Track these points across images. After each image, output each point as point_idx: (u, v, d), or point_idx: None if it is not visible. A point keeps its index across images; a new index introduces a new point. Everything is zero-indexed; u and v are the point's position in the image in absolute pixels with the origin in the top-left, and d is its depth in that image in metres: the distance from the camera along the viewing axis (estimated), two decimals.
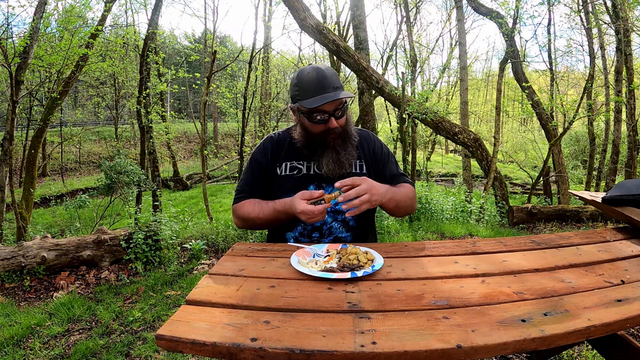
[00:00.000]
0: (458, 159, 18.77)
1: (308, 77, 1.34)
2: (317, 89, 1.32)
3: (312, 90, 1.32)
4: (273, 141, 1.51)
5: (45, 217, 8.55)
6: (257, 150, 1.51)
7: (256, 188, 1.47)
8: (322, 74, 1.33)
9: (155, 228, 3.70)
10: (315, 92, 1.31)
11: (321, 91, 1.31)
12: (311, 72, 1.35)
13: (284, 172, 1.45)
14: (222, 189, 12.74)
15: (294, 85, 1.38)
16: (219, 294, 0.95)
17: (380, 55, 14.25)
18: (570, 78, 13.93)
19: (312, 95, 1.32)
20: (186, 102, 21.28)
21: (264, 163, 1.47)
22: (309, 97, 1.32)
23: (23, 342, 2.36)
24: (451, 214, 5.92)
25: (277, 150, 1.49)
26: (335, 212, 1.42)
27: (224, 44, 25.61)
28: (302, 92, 1.35)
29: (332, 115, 1.34)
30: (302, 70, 1.38)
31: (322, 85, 1.32)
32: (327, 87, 1.32)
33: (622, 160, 8.72)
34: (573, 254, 1.23)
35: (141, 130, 6.81)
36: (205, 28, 17.91)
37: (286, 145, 1.49)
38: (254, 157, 1.51)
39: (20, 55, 5.01)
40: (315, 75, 1.33)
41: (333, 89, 1.33)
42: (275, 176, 1.46)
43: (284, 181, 1.44)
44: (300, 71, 1.39)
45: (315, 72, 1.34)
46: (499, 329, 0.79)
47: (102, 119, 20.00)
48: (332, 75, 1.36)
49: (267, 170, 1.47)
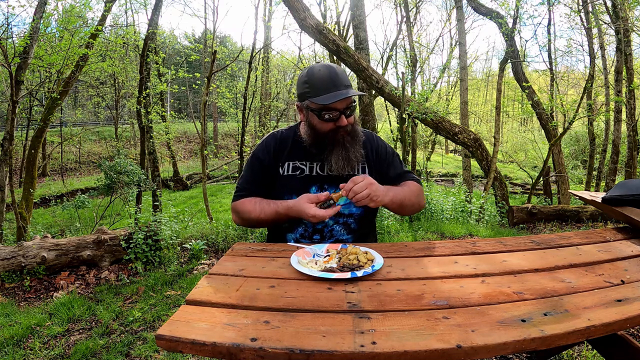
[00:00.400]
0: (458, 159, 18.78)
1: (319, 75, 1.31)
2: (328, 87, 1.29)
3: (324, 87, 1.30)
4: (276, 139, 1.48)
5: (45, 217, 8.55)
6: (259, 148, 1.48)
7: (257, 186, 1.45)
8: (333, 71, 1.31)
9: (155, 228, 3.70)
10: (327, 90, 1.29)
11: (333, 89, 1.29)
12: (322, 69, 1.32)
13: (286, 172, 1.43)
14: (222, 189, 12.74)
15: (303, 82, 1.35)
16: (219, 294, 0.95)
17: (380, 55, 14.25)
18: (570, 78, 13.92)
19: (323, 93, 1.29)
20: (186, 102, 21.29)
21: (265, 161, 1.44)
22: (320, 95, 1.30)
23: (23, 342, 2.36)
24: (451, 214, 5.92)
25: (280, 149, 1.46)
26: (336, 214, 1.41)
27: (224, 44, 25.61)
28: (312, 90, 1.32)
29: (342, 113, 1.32)
30: (313, 68, 1.35)
31: (334, 83, 1.30)
32: (338, 85, 1.30)
33: (622, 160, 8.72)
34: (573, 254, 1.23)
35: (141, 130, 6.81)
36: (205, 28, 17.92)
37: (289, 144, 1.46)
38: (255, 155, 1.48)
39: (20, 55, 5.01)
40: (327, 73, 1.31)
41: (344, 87, 1.31)
42: (277, 175, 1.44)
43: (286, 181, 1.42)
44: (310, 68, 1.35)
45: (327, 70, 1.32)
46: (499, 329, 0.79)
47: (102, 119, 20.00)
48: (343, 73, 1.34)
49: (269, 169, 1.44)
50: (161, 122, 12.28)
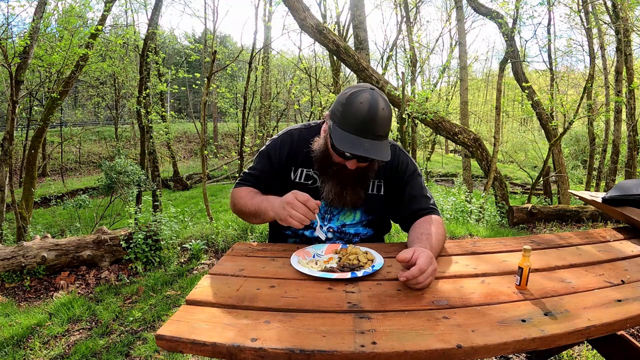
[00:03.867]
0: (458, 159, 18.77)
1: (357, 108, 1.12)
2: (356, 127, 1.11)
3: (352, 124, 1.12)
4: (293, 140, 1.35)
5: (45, 217, 8.54)
6: (273, 146, 1.36)
7: (260, 183, 1.37)
8: (372, 114, 1.11)
9: (155, 228, 3.70)
10: (354, 129, 1.12)
11: (359, 133, 1.11)
12: (364, 104, 1.12)
13: (297, 179, 1.33)
14: (222, 189, 12.74)
15: (341, 103, 1.15)
16: (219, 294, 0.95)
17: (380, 55, 14.26)
18: (570, 78, 13.93)
19: (348, 130, 1.12)
20: (186, 102, 21.27)
21: (276, 162, 1.34)
22: (344, 129, 1.13)
23: (23, 342, 2.36)
24: (451, 214, 5.91)
25: (296, 151, 1.33)
26: (341, 232, 1.35)
27: (224, 44, 25.61)
28: (342, 118, 1.14)
29: (356, 157, 1.17)
30: (358, 95, 1.14)
31: (365, 127, 1.11)
32: (368, 132, 1.11)
33: (622, 160, 8.72)
34: (573, 254, 1.23)
35: (141, 130, 6.81)
36: (205, 28, 17.90)
37: (306, 148, 1.31)
38: (267, 152, 1.37)
39: (20, 55, 5.01)
40: (365, 112, 1.11)
41: (373, 137, 1.12)
42: (286, 179, 1.34)
43: (295, 188, 1.27)
44: (355, 93, 1.14)
45: (367, 109, 1.11)
46: (499, 329, 0.79)
47: (102, 119, 19.99)
48: (383, 120, 1.13)
49: (279, 170, 1.34)
50: (161, 122, 12.28)
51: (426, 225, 1.22)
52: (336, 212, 1.34)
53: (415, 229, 1.24)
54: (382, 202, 1.36)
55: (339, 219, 1.34)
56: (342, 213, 1.34)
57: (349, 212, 1.34)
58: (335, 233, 1.35)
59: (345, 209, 1.33)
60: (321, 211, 1.34)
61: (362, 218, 1.36)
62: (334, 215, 1.34)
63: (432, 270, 0.97)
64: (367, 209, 1.35)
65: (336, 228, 1.34)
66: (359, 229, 1.36)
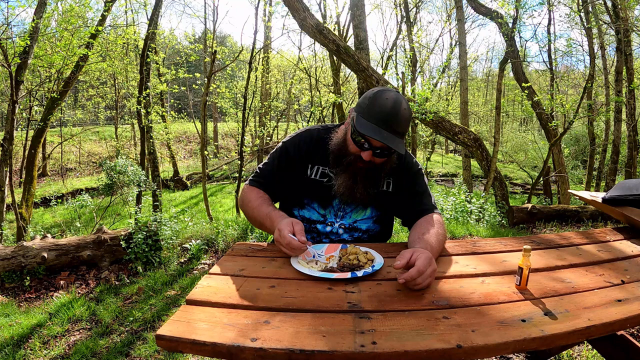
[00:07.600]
0: (458, 159, 18.77)
1: (382, 103, 1.20)
2: (379, 119, 1.19)
3: (375, 116, 1.20)
4: (312, 138, 1.40)
5: (45, 217, 8.54)
6: (292, 142, 1.40)
7: (271, 184, 1.40)
8: (396, 110, 1.20)
9: (155, 228, 3.70)
10: (376, 120, 1.19)
11: (381, 124, 1.19)
12: (389, 100, 1.20)
13: (313, 176, 1.37)
14: (222, 189, 12.74)
15: (367, 97, 1.24)
16: (219, 294, 0.95)
17: (380, 55, 14.26)
18: (570, 78, 13.93)
19: (372, 121, 1.20)
20: (186, 102, 21.27)
21: (295, 158, 1.38)
22: (369, 120, 1.20)
23: (23, 342, 2.36)
24: (451, 214, 5.91)
25: (314, 149, 1.39)
26: (352, 229, 1.37)
27: (224, 44, 25.60)
28: (367, 110, 1.22)
29: (372, 149, 1.23)
30: (384, 93, 1.23)
31: (387, 120, 1.19)
32: (389, 125, 1.19)
33: (622, 160, 8.72)
34: (573, 253, 1.23)
35: (141, 131, 6.80)
36: (205, 28, 17.90)
37: (324, 147, 1.37)
38: (286, 147, 1.40)
39: (20, 55, 5.01)
40: (389, 108, 1.20)
41: (393, 132, 1.20)
42: (302, 176, 1.38)
43: (310, 184, 1.36)
44: (382, 91, 1.24)
45: (392, 105, 1.20)
46: (499, 329, 0.79)
47: (102, 119, 19.98)
48: (404, 119, 1.22)
49: (295, 166, 1.38)
50: (161, 122, 12.27)
51: (427, 225, 1.25)
52: (349, 209, 1.38)
53: (416, 228, 1.26)
54: (390, 199, 1.41)
55: (351, 217, 1.38)
56: (354, 211, 1.38)
57: (361, 209, 1.38)
58: (346, 230, 1.38)
59: (359, 207, 1.36)
60: (334, 208, 1.38)
61: (373, 214, 1.39)
62: (347, 213, 1.38)
63: (431, 271, 0.98)
64: (377, 205, 1.39)
65: (348, 225, 1.38)
66: (370, 225, 1.39)
